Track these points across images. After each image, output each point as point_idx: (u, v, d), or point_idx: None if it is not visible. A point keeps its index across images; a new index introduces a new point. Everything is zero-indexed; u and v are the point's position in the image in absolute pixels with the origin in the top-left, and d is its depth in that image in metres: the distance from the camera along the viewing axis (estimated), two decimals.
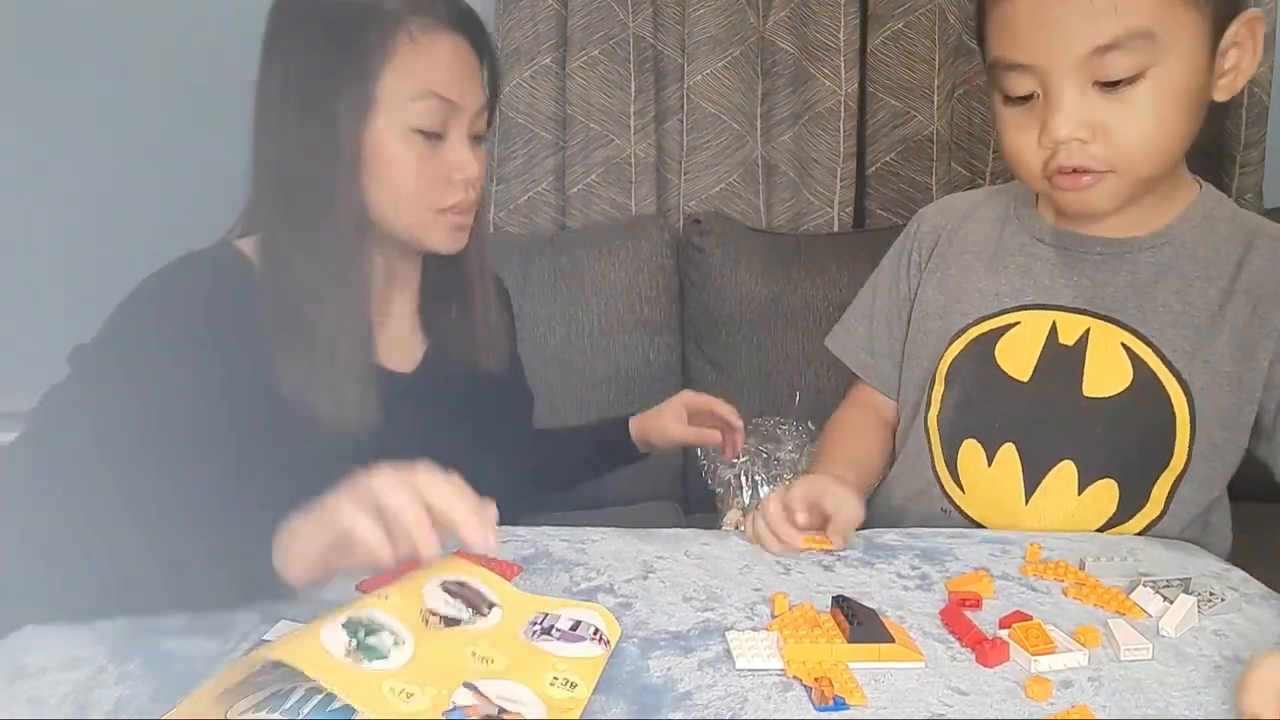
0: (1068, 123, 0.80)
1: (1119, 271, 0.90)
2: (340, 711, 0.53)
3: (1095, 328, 0.90)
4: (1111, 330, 0.89)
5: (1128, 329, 0.89)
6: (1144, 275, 0.90)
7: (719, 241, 1.67)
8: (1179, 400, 0.87)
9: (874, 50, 1.74)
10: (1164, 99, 0.80)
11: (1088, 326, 0.90)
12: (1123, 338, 0.89)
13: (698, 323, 1.69)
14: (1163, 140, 0.82)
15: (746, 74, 1.74)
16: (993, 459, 0.92)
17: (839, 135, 1.73)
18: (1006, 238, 0.98)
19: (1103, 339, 0.89)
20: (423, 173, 0.87)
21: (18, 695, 0.60)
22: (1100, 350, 0.89)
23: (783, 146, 1.78)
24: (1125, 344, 0.89)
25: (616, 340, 1.65)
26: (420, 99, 0.86)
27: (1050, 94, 0.81)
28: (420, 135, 0.86)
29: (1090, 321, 0.90)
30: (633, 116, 1.75)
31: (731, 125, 1.75)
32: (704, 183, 1.76)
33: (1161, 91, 0.79)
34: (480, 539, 0.62)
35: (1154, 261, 0.90)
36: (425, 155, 0.87)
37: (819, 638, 0.64)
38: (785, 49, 1.74)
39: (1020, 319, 0.93)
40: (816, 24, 1.72)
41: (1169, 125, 0.81)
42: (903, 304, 1.04)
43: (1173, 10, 0.78)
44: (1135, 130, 0.80)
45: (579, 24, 1.72)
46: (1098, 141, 0.81)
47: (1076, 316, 0.91)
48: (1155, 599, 0.70)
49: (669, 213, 1.79)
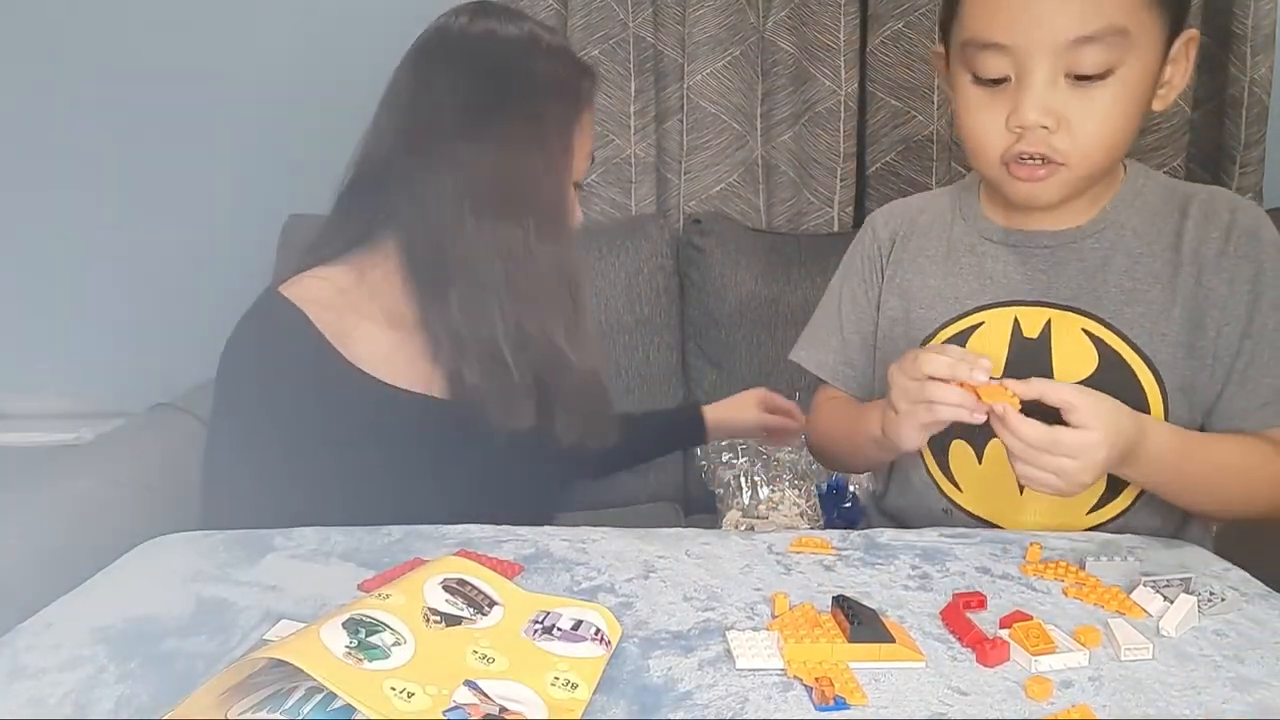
0: (1036, 107, 0.82)
1: (1068, 261, 0.93)
2: (341, 711, 0.53)
3: (1055, 318, 0.92)
4: (1071, 318, 0.91)
5: (1086, 314, 0.91)
6: (1092, 261, 0.92)
7: (719, 241, 1.67)
8: (1146, 377, 0.89)
9: (874, 50, 1.74)
10: (1124, 99, 0.83)
11: (1048, 318, 0.92)
12: (1082, 323, 0.91)
13: (698, 323, 1.69)
14: (1115, 139, 0.85)
15: (746, 74, 1.75)
16: (982, 457, 0.93)
17: (839, 135, 1.73)
18: (955, 238, 0.99)
19: (1064, 328, 0.91)
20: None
21: (18, 695, 0.60)
22: (1063, 339, 0.91)
23: (783, 146, 1.78)
24: (1086, 329, 0.91)
25: (616, 340, 1.65)
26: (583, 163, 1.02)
27: (1023, 78, 0.83)
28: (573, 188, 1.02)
29: (1050, 312, 0.92)
30: (633, 116, 1.75)
31: (731, 125, 1.75)
32: (704, 183, 1.76)
33: (1124, 91, 0.82)
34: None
35: (1098, 246, 0.92)
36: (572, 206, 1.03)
37: (819, 638, 0.64)
38: (785, 49, 1.74)
39: (984, 319, 0.95)
40: (816, 24, 1.72)
41: (1122, 125, 0.84)
42: (870, 310, 1.04)
43: (1144, 13, 0.81)
44: (1094, 126, 0.83)
45: (579, 24, 1.72)
46: (1060, 132, 0.83)
47: (1036, 309, 0.93)
48: (1155, 599, 0.70)
49: (669, 213, 1.79)
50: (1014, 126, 0.84)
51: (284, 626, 0.66)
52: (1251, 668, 0.63)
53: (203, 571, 0.76)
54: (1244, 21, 1.60)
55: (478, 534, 0.83)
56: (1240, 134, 1.64)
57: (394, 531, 0.83)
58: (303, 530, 0.83)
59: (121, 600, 0.71)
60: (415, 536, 0.82)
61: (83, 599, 0.72)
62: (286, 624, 0.66)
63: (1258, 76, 1.61)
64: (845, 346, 1.06)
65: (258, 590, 0.73)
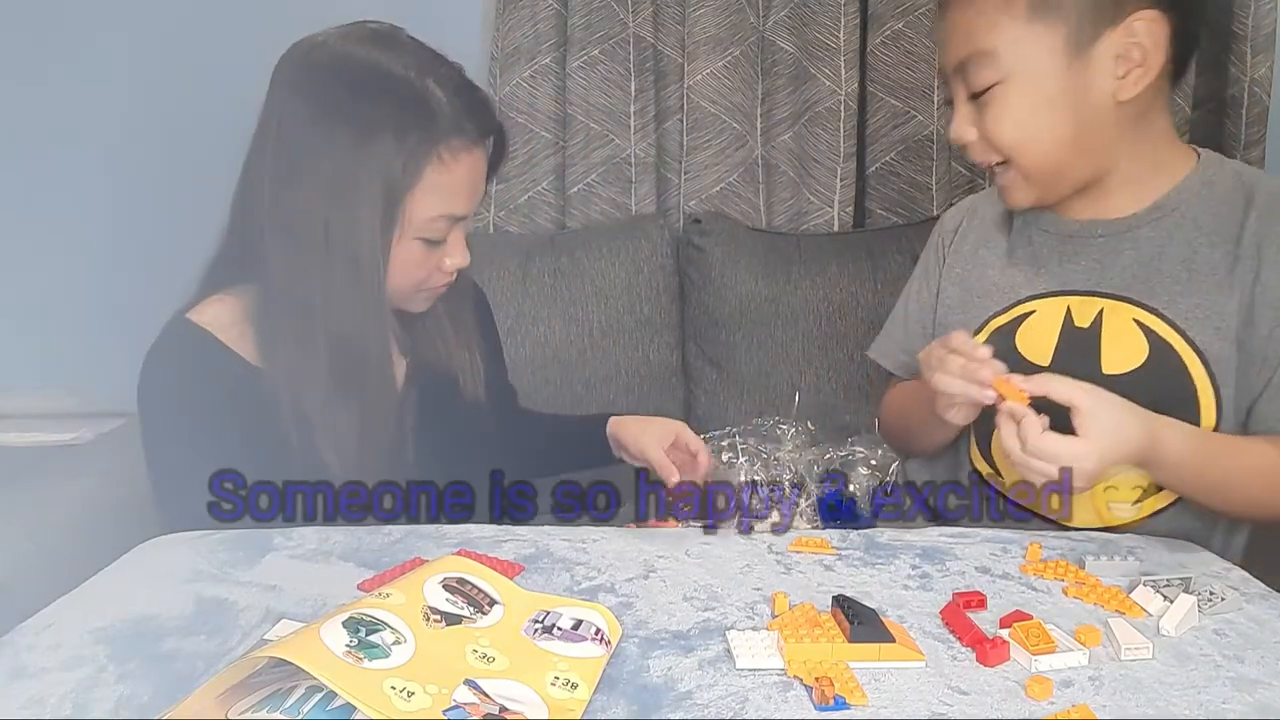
0: (957, 128, 0.93)
1: (1122, 251, 0.93)
2: (341, 710, 0.53)
3: (1108, 308, 0.92)
4: (1123, 308, 0.92)
5: (1138, 304, 0.91)
6: (1147, 250, 0.92)
7: (719, 241, 1.67)
8: (1196, 369, 0.89)
9: (874, 50, 1.74)
10: (1022, 104, 0.89)
11: (1100, 307, 0.93)
12: (1134, 314, 0.91)
13: (698, 323, 1.69)
14: (1038, 136, 0.90)
15: (746, 74, 1.74)
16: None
17: (839, 135, 1.73)
18: (1015, 231, 1.02)
19: (1116, 317, 0.92)
20: (418, 269, 0.94)
21: (18, 695, 0.59)
22: (1114, 329, 0.92)
23: (783, 146, 1.78)
24: (1137, 319, 0.91)
25: (616, 340, 1.65)
26: (435, 220, 0.91)
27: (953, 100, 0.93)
28: (422, 241, 0.92)
29: (1102, 302, 0.93)
30: (633, 116, 1.75)
31: (731, 125, 1.75)
32: (704, 182, 1.76)
33: (1019, 98, 0.89)
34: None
35: (1154, 235, 0.93)
36: (423, 256, 0.93)
37: (819, 637, 0.64)
38: (785, 49, 1.74)
39: (1035, 307, 0.96)
40: (816, 24, 1.72)
41: (1040, 124, 0.89)
42: (931, 300, 1.08)
43: (1014, 30, 0.87)
44: (1004, 130, 0.90)
45: (579, 24, 1.72)
46: (979, 142, 0.92)
47: (1089, 299, 0.94)
48: (1155, 598, 0.70)
49: (669, 213, 1.79)
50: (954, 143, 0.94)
51: (284, 626, 0.66)
52: (1251, 668, 0.63)
53: (203, 571, 0.76)
54: (1244, 21, 1.60)
55: (477, 534, 0.83)
56: (1240, 134, 1.64)
57: (394, 531, 0.83)
58: (303, 530, 0.84)
59: (121, 600, 0.71)
60: (415, 536, 0.82)
61: (83, 599, 0.72)
62: (286, 624, 0.66)
63: (1258, 76, 1.61)
64: (908, 338, 1.10)
65: (258, 590, 0.73)
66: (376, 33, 0.91)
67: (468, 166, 0.91)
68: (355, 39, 0.90)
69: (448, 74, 0.91)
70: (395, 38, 0.92)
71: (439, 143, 0.88)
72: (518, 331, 1.62)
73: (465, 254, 0.96)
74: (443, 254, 0.94)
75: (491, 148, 0.96)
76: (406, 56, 0.89)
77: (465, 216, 0.94)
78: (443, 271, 0.96)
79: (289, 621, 0.67)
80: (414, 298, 0.98)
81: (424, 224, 0.90)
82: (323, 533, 0.83)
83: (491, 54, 1.74)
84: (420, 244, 0.92)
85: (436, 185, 0.89)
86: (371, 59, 0.88)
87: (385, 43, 0.90)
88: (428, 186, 0.89)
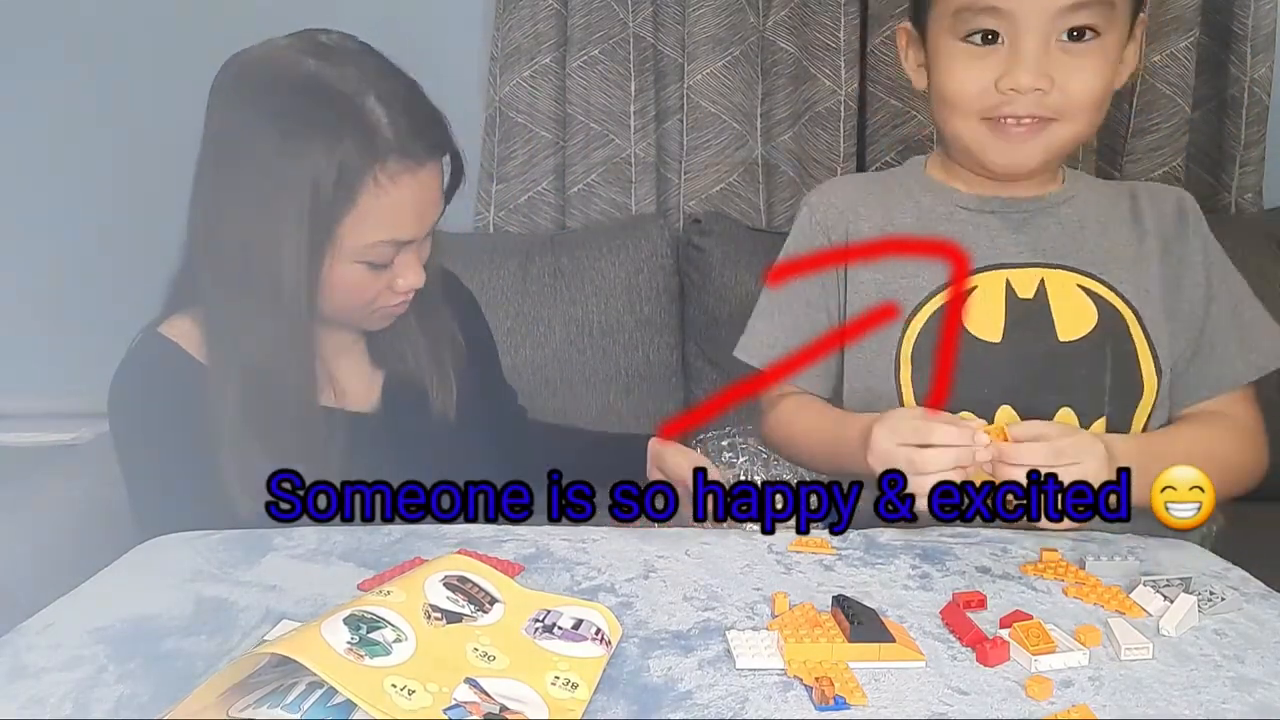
0: (1030, 72, 0.86)
1: (1048, 226, 0.96)
2: (341, 709, 0.53)
3: (1049, 276, 0.93)
4: (1064, 275, 0.93)
5: (1078, 271, 0.93)
6: (1070, 225, 0.96)
7: (719, 241, 1.67)
8: (1136, 330, 0.91)
9: (874, 50, 1.74)
10: (1106, 63, 0.89)
11: (1041, 277, 0.93)
12: (1077, 280, 0.93)
13: (698, 323, 1.69)
14: (1100, 99, 0.90)
15: (746, 74, 1.75)
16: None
17: (839, 135, 1.73)
18: (926, 208, 0.99)
19: (1059, 285, 0.93)
20: (364, 291, 0.89)
21: (18, 695, 0.59)
22: (1061, 296, 0.93)
23: (783, 146, 1.78)
24: (1081, 285, 0.93)
25: (616, 340, 1.65)
26: (375, 246, 0.86)
27: (1017, 43, 0.87)
28: (365, 264, 0.87)
29: (1042, 272, 0.94)
30: (633, 116, 1.75)
31: (731, 125, 1.75)
32: (704, 182, 1.76)
33: (1104, 56, 0.89)
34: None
35: (1070, 213, 0.96)
36: (368, 279, 0.88)
37: (819, 637, 0.64)
38: (785, 49, 1.74)
39: (974, 282, 0.95)
40: (816, 24, 1.72)
41: (1104, 88, 0.90)
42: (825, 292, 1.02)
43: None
44: (1084, 83, 0.88)
45: (579, 24, 1.72)
46: (1054, 92, 0.88)
47: (1027, 270, 0.94)
48: (1155, 598, 0.70)
49: (669, 212, 1.79)
50: (1006, 89, 0.88)
51: (284, 626, 0.66)
52: (1251, 668, 0.63)
53: (203, 571, 0.76)
54: (1244, 21, 1.61)
55: (477, 534, 0.83)
56: (1240, 134, 1.65)
57: (394, 531, 0.83)
58: (303, 530, 0.83)
59: (121, 600, 0.71)
60: (415, 536, 0.82)
61: (83, 599, 0.72)
62: (287, 624, 0.66)
63: (1258, 76, 1.62)
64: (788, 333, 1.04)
65: (258, 590, 0.73)
66: (320, 43, 0.85)
67: (411, 190, 0.85)
68: (296, 49, 0.85)
69: (395, 90, 0.85)
70: (342, 49, 0.86)
71: (375, 163, 0.82)
72: (518, 331, 1.62)
73: (419, 274, 0.90)
74: (393, 275, 0.89)
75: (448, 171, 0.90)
76: (348, 69, 0.83)
77: (411, 241, 0.88)
78: (395, 292, 0.91)
79: (289, 621, 0.67)
80: (368, 318, 0.93)
81: (362, 249, 0.85)
82: (323, 533, 0.83)
83: (491, 54, 1.74)
84: (363, 267, 0.87)
85: (374, 209, 0.84)
86: (307, 71, 0.83)
87: (328, 54, 0.84)
88: (364, 210, 0.83)
